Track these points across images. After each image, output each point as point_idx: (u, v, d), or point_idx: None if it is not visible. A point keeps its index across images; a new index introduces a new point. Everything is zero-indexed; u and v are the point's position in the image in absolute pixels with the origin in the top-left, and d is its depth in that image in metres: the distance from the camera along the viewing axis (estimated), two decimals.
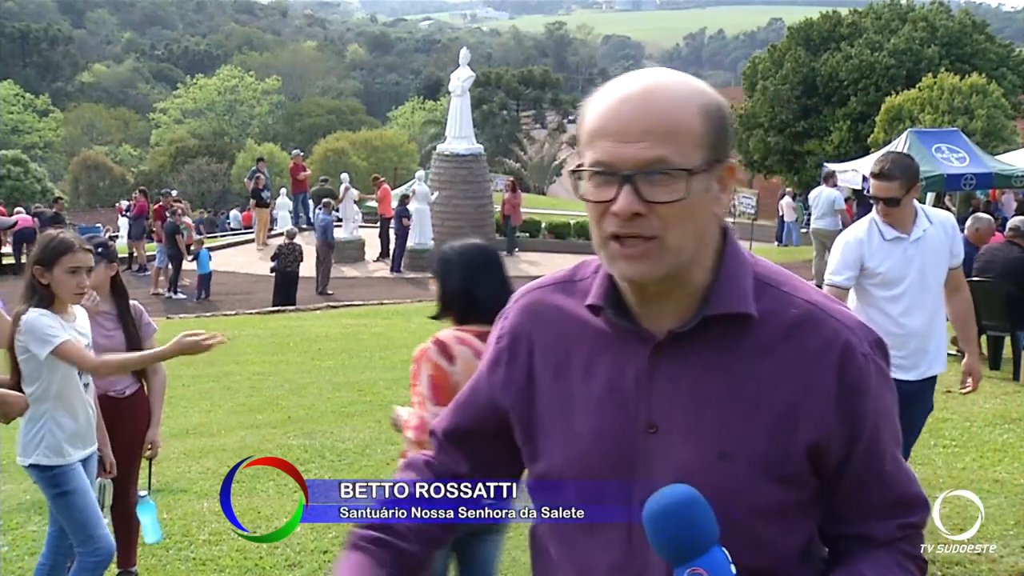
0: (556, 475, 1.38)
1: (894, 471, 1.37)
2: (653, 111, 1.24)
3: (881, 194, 3.88)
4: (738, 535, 1.27)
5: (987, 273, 7.95)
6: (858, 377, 1.30)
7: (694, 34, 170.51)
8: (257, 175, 21.42)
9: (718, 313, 1.30)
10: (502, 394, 1.44)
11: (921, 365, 3.94)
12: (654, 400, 1.31)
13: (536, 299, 1.45)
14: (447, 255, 3.17)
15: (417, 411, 3.05)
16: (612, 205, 1.24)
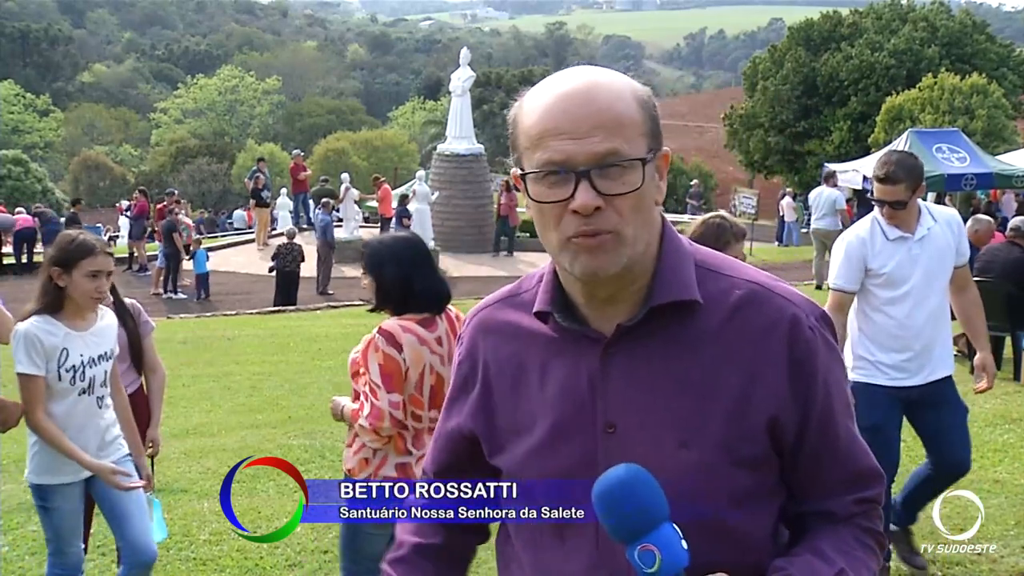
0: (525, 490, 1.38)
1: (848, 444, 1.37)
2: (599, 106, 1.25)
3: (887, 197, 3.76)
4: (707, 524, 1.28)
5: (987, 273, 7.95)
6: (807, 351, 1.31)
7: (694, 34, 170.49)
8: (257, 175, 21.43)
9: (664, 303, 1.30)
10: (467, 419, 1.46)
11: (926, 368, 3.85)
12: (609, 399, 1.32)
13: (485, 317, 1.47)
14: (379, 249, 3.25)
15: (369, 400, 3.09)
16: (569, 203, 1.24)
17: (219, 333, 12.43)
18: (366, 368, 3.13)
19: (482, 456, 1.46)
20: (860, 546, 1.35)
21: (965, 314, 4.09)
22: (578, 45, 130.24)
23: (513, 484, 1.38)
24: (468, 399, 1.46)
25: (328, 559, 4.49)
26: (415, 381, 3.16)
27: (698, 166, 41.04)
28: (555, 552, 1.37)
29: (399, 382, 3.12)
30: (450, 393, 1.51)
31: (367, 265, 3.24)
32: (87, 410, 3.43)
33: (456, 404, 1.49)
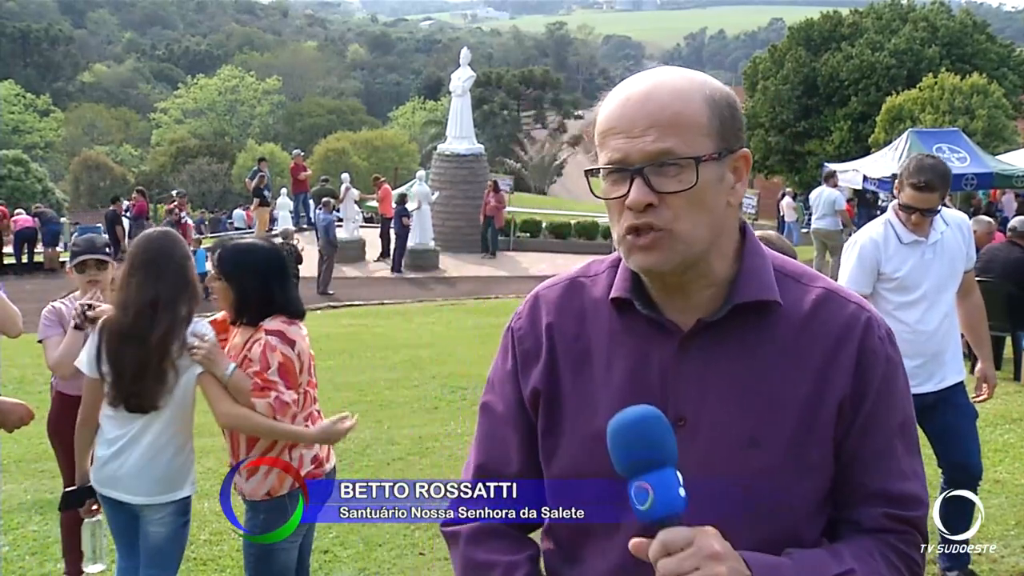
0: (578, 473, 1.36)
1: (887, 457, 1.35)
2: (656, 106, 1.28)
3: (922, 205, 3.67)
4: (765, 522, 1.28)
5: (987, 273, 7.94)
6: (871, 357, 1.33)
7: (695, 34, 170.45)
8: (260, 174, 21.43)
9: (747, 301, 1.32)
10: (537, 383, 1.41)
11: (938, 374, 3.81)
12: (681, 393, 1.32)
13: (549, 296, 1.46)
14: (238, 258, 3.25)
15: (274, 391, 3.10)
16: (626, 199, 1.27)
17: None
18: (259, 372, 3.12)
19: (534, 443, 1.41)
20: (884, 561, 1.31)
21: (969, 320, 4.04)
22: (578, 45, 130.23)
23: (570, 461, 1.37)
24: (535, 368, 1.41)
25: (328, 559, 4.50)
26: (307, 368, 3.27)
27: None
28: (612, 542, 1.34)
29: (295, 379, 3.19)
30: (505, 368, 1.45)
31: (226, 273, 3.22)
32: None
33: (524, 374, 1.42)
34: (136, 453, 3.21)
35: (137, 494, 3.24)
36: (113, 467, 3.22)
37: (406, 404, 7.88)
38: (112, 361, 3.15)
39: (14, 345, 5.42)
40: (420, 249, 19.77)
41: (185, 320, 3.21)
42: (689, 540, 1.16)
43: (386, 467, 5.99)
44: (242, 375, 3.15)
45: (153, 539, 3.29)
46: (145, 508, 3.25)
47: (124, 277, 3.22)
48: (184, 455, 3.32)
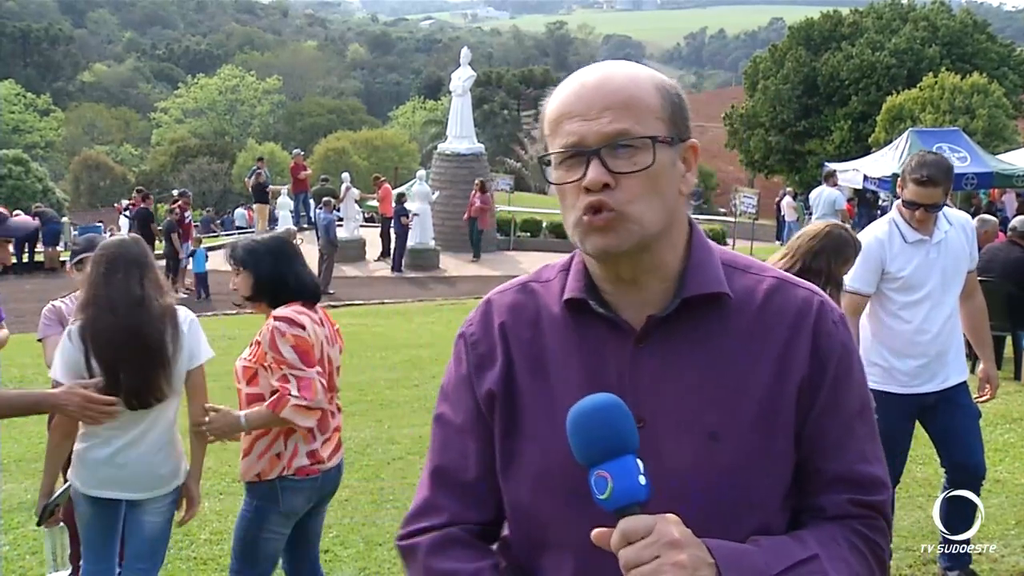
0: (540, 476, 1.35)
1: (846, 441, 1.34)
2: (611, 88, 1.29)
3: (925, 200, 3.65)
4: (731, 515, 1.27)
5: (988, 273, 7.93)
6: (827, 342, 1.33)
7: (695, 33, 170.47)
8: (257, 172, 21.42)
9: (696, 294, 1.32)
10: (492, 386, 1.39)
11: (940, 374, 3.81)
12: (639, 393, 1.30)
13: (502, 300, 1.45)
14: (253, 247, 3.38)
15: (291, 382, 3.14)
16: (582, 182, 1.27)
17: (219, 333, 12.42)
18: (277, 359, 3.17)
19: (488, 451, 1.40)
20: (848, 546, 1.31)
21: (971, 321, 4.02)
22: (578, 45, 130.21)
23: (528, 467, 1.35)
24: (491, 372, 1.39)
25: (328, 558, 4.49)
26: (319, 357, 3.29)
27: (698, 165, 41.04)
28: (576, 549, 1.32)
29: (314, 357, 3.24)
30: (460, 374, 1.43)
31: (242, 261, 3.36)
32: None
33: (474, 380, 1.40)
34: (143, 450, 3.22)
35: (140, 490, 3.25)
36: (114, 467, 3.21)
37: (406, 403, 7.88)
38: (108, 362, 3.13)
39: (14, 344, 5.42)
40: (420, 249, 19.77)
41: (171, 313, 3.24)
42: (649, 528, 1.14)
43: (386, 466, 6.00)
44: (255, 413, 3.21)
45: (148, 530, 3.32)
46: (143, 502, 3.27)
47: (103, 276, 3.19)
48: (179, 445, 3.37)
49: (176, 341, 3.22)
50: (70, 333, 3.20)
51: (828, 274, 3.26)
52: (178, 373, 3.25)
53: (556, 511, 1.34)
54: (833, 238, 3.34)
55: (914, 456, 4.62)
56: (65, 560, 3.43)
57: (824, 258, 3.27)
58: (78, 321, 3.20)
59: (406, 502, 5.87)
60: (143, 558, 3.35)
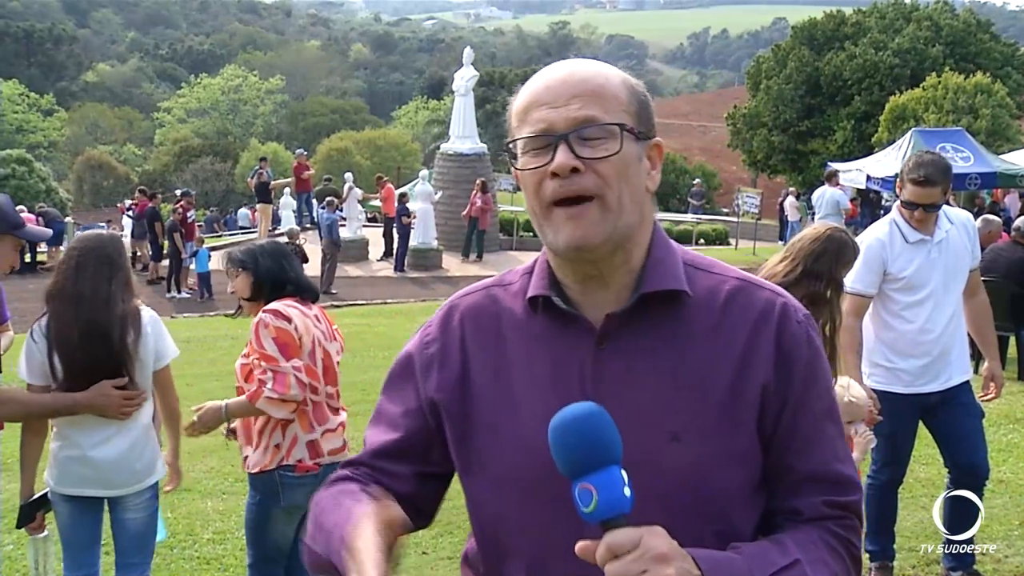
0: (503, 478, 1.34)
1: (819, 441, 1.35)
2: (579, 78, 1.30)
3: (923, 200, 3.66)
4: (694, 517, 1.27)
5: (991, 273, 7.93)
6: (792, 344, 1.33)
7: (698, 33, 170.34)
8: (260, 171, 21.42)
9: (654, 290, 1.31)
10: (436, 394, 1.40)
11: (944, 374, 3.81)
12: (601, 391, 1.29)
13: (463, 304, 1.45)
14: (251, 249, 3.54)
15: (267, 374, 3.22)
16: (549, 167, 1.26)
17: (222, 332, 12.45)
18: (259, 351, 3.24)
19: (434, 445, 1.40)
20: (826, 547, 1.31)
21: (975, 320, 4.02)
22: (581, 44, 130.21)
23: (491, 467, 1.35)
24: (440, 375, 1.40)
25: None
26: (308, 349, 3.32)
27: (701, 166, 41.00)
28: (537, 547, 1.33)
29: (296, 349, 3.28)
30: (403, 373, 1.45)
31: (241, 262, 3.47)
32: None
33: (424, 381, 1.41)
34: (115, 447, 3.22)
35: (115, 487, 3.26)
36: (88, 465, 3.21)
37: None
38: (68, 359, 3.13)
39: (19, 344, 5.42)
40: (423, 248, 19.77)
41: (135, 315, 3.24)
42: (636, 541, 1.13)
43: None
44: (235, 402, 3.32)
45: (133, 526, 3.34)
46: (122, 498, 3.28)
47: (72, 270, 3.19)
48: (154, 441, 3.39)
49: (138, 343, 3.22)
50: (32, 332, 3.19)
51: (829, 277, 3.26)
52: (144, 374, 3.25)
53: (518, 513, 1.34)
54: (834, 241, 3.34)
55: (917, 456, 4.61)
56: (47, 569, 3.43)
57: (826, 261, 3.27)
58: (43, 316, 3.20)
59: None
60: (132, 553, 3.38)
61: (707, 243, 23.62)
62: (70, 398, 3.15)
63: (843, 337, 3.56)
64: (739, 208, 23.14)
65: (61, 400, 3.15)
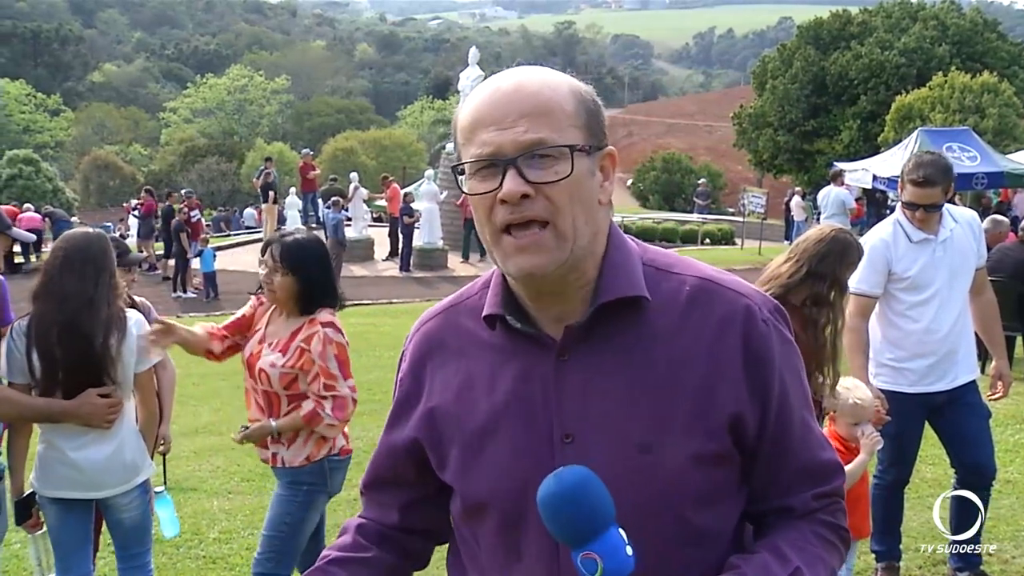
0: (473, 502, 1.34)
1: (804, 436, 1.34)
2: (525, 95, 1.23)
3: (924, 201, 3.65)
4: (668, 525, 1.25)
5: (998, 273, 7.90)
6: (762, 344, 1.29)
7: (703, 33, 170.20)
8: (266, 172, 21.44)
9: (610, 299, 1.27)
10: (412, 431, 1.41)
11: (950, 373, 3.79)
12: (565, 408, 1.27)
13: (428, 331, 1.45)
14: (302, 252, 3.34)
15: (328, 396, 3.23)
16: (498, 193, 1.21)
17: None
18: (323, 369, 3.23)
19: (426, 471, 1.42)
20: (820, 541, 1.32)
21: (982, 318, 4.00)
22: (586, 44, 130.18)
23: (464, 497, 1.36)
24: (413, 413, 1.40)
25: None
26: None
27: (707, 165, 41.01)
28: (513, 571, 1.33)
29: (349, 365, 3.31)
30: (393, 409, 1.46)
31: (291, 266, 3.29)
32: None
33: (400, 419, 1.44)
34: (99, 449, 3.20)
35: (101, 488, 3.24)
36: (72, 468, 3.19)
37: None
38: (47, 359, 3.11)
39: None
40: (429, 248, 19.78)
41: (119, 318, 3.21)
42: None
43: None
44: (287, 421, 3.29)
45: (129, 523, 3.35)
46: (112, 499, 3.28)
47: (58, 269, 3.15)
48: (139, 438, 3.35)
49: (120, 346, 3.19)
50: (14, 330, 3.17)
51: (833, 278, 3.26)
52: (125, 376, 3.23)
53: (494, 540, 1.34)
54: (839, 242, 3.32)
55: (923, 456, 4.60)
56: (51, 565, 3.44)
57: (830, 262, 3.26)
58: (26, 315, 3.17)
59: None
60: (131, 547, 3.41)
61: (712, 243, 23.61)
62: (59, 405, 3.14)
63: (849, 338, 3.56)
64: (744, 208, 23.11)
65: (54, 406, 3.15)
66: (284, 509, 3.40)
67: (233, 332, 3.49)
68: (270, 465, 3.42)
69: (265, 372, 3.29)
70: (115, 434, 3.24)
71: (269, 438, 3.37)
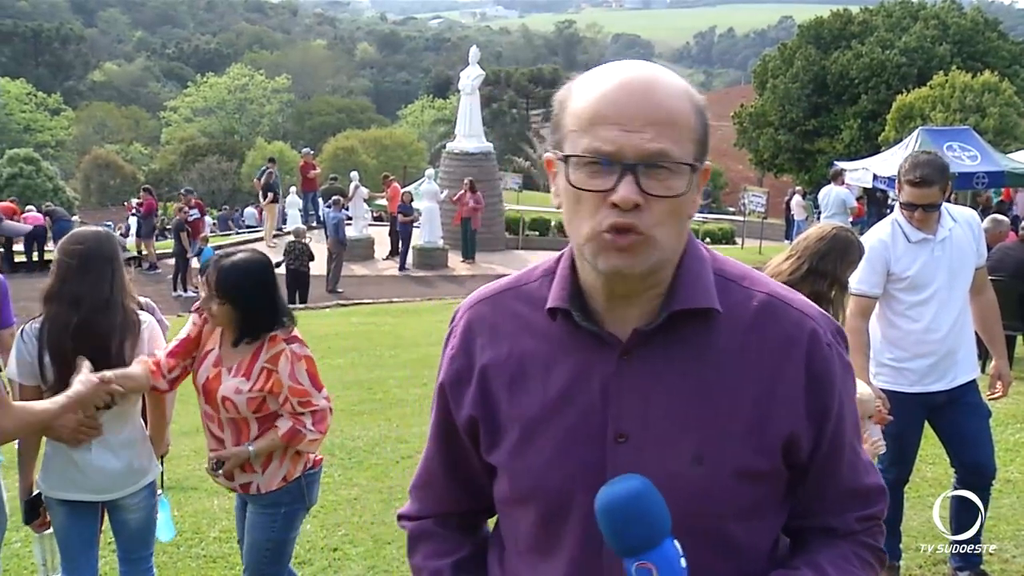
0: (517, 490, 1.34)
1: (853, 461, 1.36)
2: (656, 101, 1.21)
3: (921, 201, 3.64)
4: (710, 536, 1.26)
5: (998, 272, 7.89)
6: (824, 367, 1.30)
7: (704, 32, 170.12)
8: (268, 172, 21.42)
9: (683, 309, 1.27)
10: (469, 409, 1.39)
11: (950, 373, 3.78)
12: (623, 407, 1.27)
13: (482, 310, 1.41)
14: (238, 277, 3.08)
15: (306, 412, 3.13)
16: (609, 195, 1.19)
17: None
18: (294, 388, 3.10)
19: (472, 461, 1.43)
20: (859, 562, 1.35)
21: (982, 317, 3.99)
22: (587, 44, 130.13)
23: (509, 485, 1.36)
24: (467, 392, 1.38)
25: (336, 556, 4.50)
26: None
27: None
28: (551, 563, 1.33)
29: (319, 378, 3.22)
30: (441, 387, 1.43)
31: (225, 293, 3.07)
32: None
33: (452, 398, 1.41)
34: (106, 450, 3.18)
35: (111, 491, 3.22)
36: (79, 469, 3.16)
37: (416, 402, 7.88)
38: (61, 362, 3.03)
39: None
40: (429, 248, 19.78)
41: (134, 319, 3.18)
42: None
43: (395, 465, 6.00)
44: (264, 443, 3.15)
45: (135, 524, 3.33)
46: (119, 501, 3.26)
47: (75, 271, 3.09)
48: (146, 442, 3.34)
49: (134, 347, 3.15)
50: (24, 332, 3.11)
51: (834, 276, 3.25)
52: None
53: (535, 530, 1.34)
54: (840, 240, 3.32)
55: (924, 456, 4.60)
56: (56, 565, 3.43)
57: (831, 260, 3.26)
58: (38, 316, 3.12)
59: None
60: (135, 549, 3.39)
61: (713, 242, 23.60)
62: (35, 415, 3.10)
63: (849, 338, 3.54)
64: (745, 207, 23.12)
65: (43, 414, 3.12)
66: (264, 536, 3.27)
67: (180, 357, 3.20)
68: (241, 493, 3.28)
69: (230, 400, 3.11)
70: (123, 437, 3.21)
71: (237, 470, 3.21)
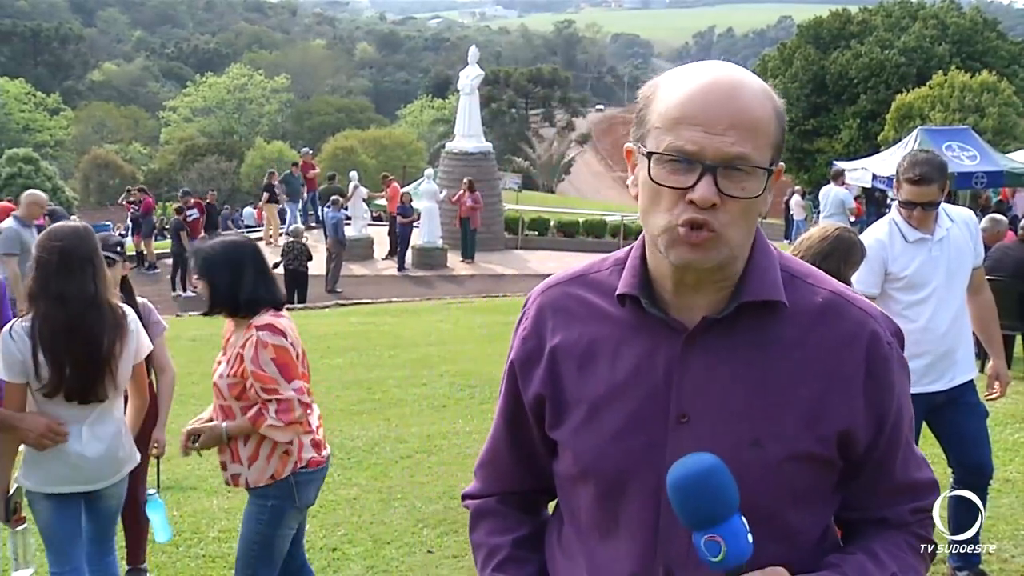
0: (579, 466, 1.39)
1: (907, 457, 1.42)
2: (740, 106, 1.26)
3: (921, 199, 3.64)
4: (763, 518, 1.29)
5: (998, 272, 7.90)
6: (884, 367, 1.35)
7: (703, 32, 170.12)
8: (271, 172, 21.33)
9: (753, 300, 1.33)
10: (538, 387, 1.44)
11: (948, 373, 3.78)
12: (685, 389, 1.33)
13: (554, 295, 1.47)
14: (209, 256, 3.25)
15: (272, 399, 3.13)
16: (689, 192, 1.25)
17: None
18: (257, 374, 3.12)
19: (535, 441, 1.48)
20: (912, 551, 1.40)
21: (980, 318, 3.99)
22: (587, 43, 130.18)
23: (573, 460, 1.41)
24: (536, 371, 1.44)
25: (336, 556, 4.50)
26: (301, 360, 3.27)
27: None
28: (609, 542, 1.38)
29: (295, 369, 3.18)
30: (511, 366, 1.49)
31: (200, 270, 3.27)
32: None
33: (521, 376, 1.47)
34: (93, 442, 3.22)
35: (99, 481, 3.27)
36: (66, 463, 3.19)
37: (415, 402, 7.88)
38: (55, 358, 3.08)
39: None
40: (428, 247, 19.77)
41: (120, 313, 3.22)
42: None
43: (394, 465, 6.00)
44: (235, 424, 3.21)
45: (106, 513, 3.40)
46: (104, 488, 3.31)
47: (57, 269, 3.12)
48: (128, 433, 3.39)
49: (123, 341, 3.21)
50: (13, 331, 3.12)
51: (837, 276, 3.25)
52: (123, 373, 3.25)
53: (594, 506, 1.40)
54: (843, 241, 3.33)
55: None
56: (27, 559, 3.44)
57: (834, 260, 3.26)
58: (26, 316, 3.14)
59: (415, 501, 5.83)
60: (107, 529, 3.45)
61: None
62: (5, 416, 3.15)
63: None
64: None
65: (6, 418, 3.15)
66: (252, 528, 3.32)
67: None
68: (232, 485, 3.34)
69: (217, 385, 3.22)
70: (108, 427, 3.27)
71: (229, 458, 3.27)
